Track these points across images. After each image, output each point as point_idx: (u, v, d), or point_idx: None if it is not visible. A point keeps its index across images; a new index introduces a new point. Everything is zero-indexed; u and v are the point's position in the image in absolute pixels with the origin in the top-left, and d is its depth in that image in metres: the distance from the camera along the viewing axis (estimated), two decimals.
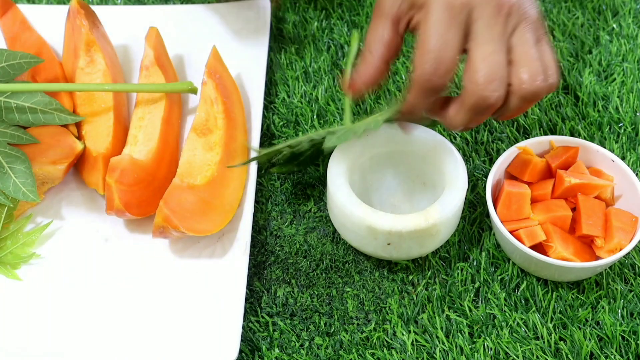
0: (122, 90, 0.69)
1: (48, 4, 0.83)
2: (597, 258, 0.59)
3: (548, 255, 0.58)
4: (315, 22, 0.80)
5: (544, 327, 0.59)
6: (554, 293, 0.61)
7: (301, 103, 0.73)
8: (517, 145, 0.63)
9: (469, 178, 0.66)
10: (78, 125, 0.68)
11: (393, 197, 0.66)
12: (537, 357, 0.58)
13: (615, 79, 0.74)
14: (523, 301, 0.60)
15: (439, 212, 0.58)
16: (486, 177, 0.66)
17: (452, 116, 0.54)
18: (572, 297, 0.60)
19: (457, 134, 0.70)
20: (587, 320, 0.59)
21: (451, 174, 0.60)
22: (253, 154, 0.66)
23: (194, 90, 0.69)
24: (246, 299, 0.61)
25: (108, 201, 0.61)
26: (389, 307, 0.61)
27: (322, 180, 0.68)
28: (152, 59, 0.70)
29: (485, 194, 0.62)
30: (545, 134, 0.70)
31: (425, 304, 0.61)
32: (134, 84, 0.70)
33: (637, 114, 0.71)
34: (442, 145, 0.62)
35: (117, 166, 0.61)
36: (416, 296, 0.61)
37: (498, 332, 0.59)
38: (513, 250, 0.60)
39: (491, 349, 0.58)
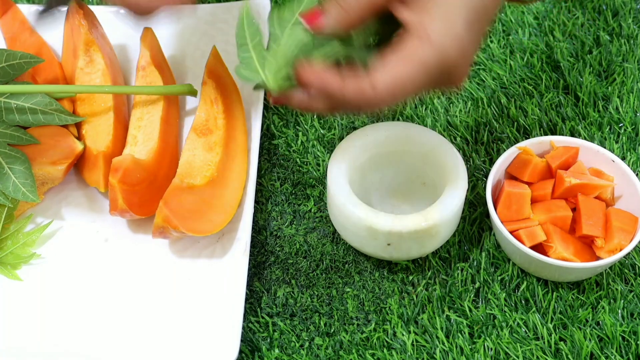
0: (121, 92, 0.69)
1: None
2: (598, 258, 0.59)
3: (548, 256, 0.58)
4: None
5: (544, 327, 0.59)
6: (554, 293, 0.61)
7: None
8: (517, 145, 0.63)
9: (469, 178, 0.66)
10: (78, 124, 0.68)
11: (393, 197, 0.66)
12: (537, 357, 0.57)
13: (615, 79, 0.74)
14: (523, 301, 0.60)
15: (439, 213, 0.57)
16: (486, 177, 0.66)
17: None
18: (572, 298, 0.60)
19: (457, 134, 0.70)
20: (587, 321, 0.59)
21: (451, 174, 0.60)
22: None
23: (193, 93, 0.69)
24: (246, 299, 0.61)
25: (112, 202, 0.61)
26: (389, 307, 0.61)
27: (322, 180, 0.68)
28: (148, 59, 0.70)
29: (485, 194, 0.62)
30: (546, 134, 0.70)
31: (426, 304, 0.61)
32: (133, 86, 0.70)
33: (637, 114, 0.71)
34: (442, 146, 0.61)
35: (120, 166, 0.61)
36: (416, 296, 0.61)
37: (498, 332, 0.59)
38: (513, 251, 0.60)
39: (491, 349, 0.58)
